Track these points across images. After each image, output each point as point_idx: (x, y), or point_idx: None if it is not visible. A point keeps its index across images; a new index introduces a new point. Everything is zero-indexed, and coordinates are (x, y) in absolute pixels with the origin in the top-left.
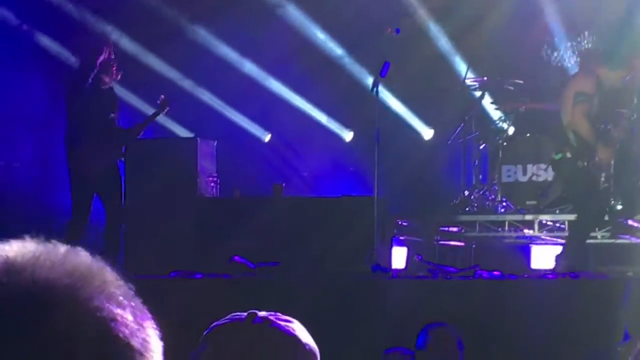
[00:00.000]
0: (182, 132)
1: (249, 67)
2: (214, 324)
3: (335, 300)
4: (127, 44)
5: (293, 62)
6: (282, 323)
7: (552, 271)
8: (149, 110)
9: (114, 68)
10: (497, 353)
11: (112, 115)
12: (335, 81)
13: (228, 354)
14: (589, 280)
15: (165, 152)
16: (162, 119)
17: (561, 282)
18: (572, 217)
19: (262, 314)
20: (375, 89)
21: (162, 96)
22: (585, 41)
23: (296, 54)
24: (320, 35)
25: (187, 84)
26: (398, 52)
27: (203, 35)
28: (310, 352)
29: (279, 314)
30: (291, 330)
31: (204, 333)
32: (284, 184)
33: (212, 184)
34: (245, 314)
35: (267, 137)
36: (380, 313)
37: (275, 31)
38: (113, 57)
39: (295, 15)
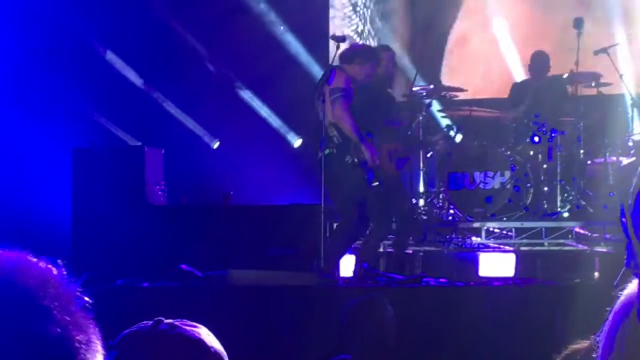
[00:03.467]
0: (130, 140)
1: (197, 71)
2: (122, 333)
3: (282, 309)
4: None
5: (244, 68)
6: (188, 328)
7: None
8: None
9: None
10: None
11: None
12: (285, 86)
13: None
14: (536, 286)
15: (112, 161)
16: (110, 126)
17: (508, 289)
18: (519, 224)
19: (168, 320)
20: (321, 97)
21: None
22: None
23: (247, 59)
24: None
25: (136, 88)
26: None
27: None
28: (216, 354)
29: (185, 320)
30: (196, 335)
31: (111, 342)
32: (232, 192)
33: (160, 192)
34: (152, 321)
35: (215, 144)
36: (326, 321)
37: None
38: None
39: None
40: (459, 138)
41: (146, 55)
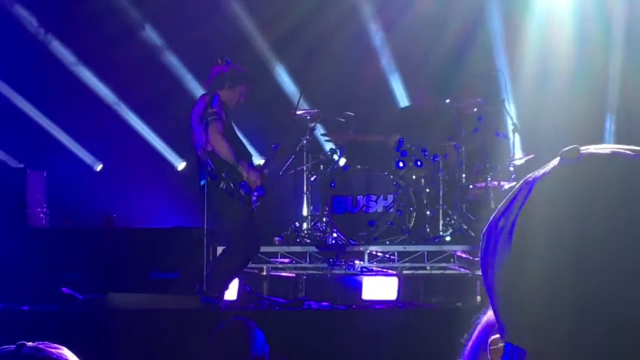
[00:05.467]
0: (11, 162)
1: (81, 94)
2: None
3: (164, 332)
4: None
5: (129, 90)
6: (54, 350)
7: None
8: None
9: None
10: None
11: None
12: (171, 109)
13: None
14: (419, 310)
15: None
16: None
17: (390, 312)
18: (402, 247)
19: (30, 344)
20: (204, 121)
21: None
22: None
23: (131, 82)
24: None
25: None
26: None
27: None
28: None
29: (47, 342)
30: (63, 356)
31: None
32: (115, 215)
33: (42, 215)
34: (14, 345)
35: (98, 166)
36: (206, 344)
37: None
38: None
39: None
40: (342, 162)
41: (29, 76)
